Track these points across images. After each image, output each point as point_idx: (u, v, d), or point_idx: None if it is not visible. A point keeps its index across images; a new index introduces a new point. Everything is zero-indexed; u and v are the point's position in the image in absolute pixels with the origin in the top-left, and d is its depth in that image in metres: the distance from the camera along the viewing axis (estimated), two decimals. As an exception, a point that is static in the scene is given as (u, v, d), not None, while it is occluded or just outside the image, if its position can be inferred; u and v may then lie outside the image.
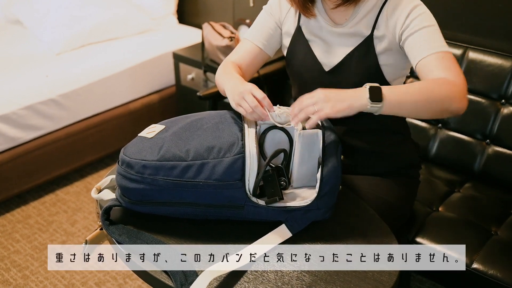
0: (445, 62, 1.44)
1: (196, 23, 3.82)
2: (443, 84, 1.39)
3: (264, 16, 1.76)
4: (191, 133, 1.38)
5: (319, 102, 1.31)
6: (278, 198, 1.32)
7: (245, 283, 1.20)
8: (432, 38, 1.49)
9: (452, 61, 1.45)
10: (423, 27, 1.50)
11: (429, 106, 1.37)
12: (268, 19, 1.75)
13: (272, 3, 1.75)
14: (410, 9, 1.52)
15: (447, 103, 1.38)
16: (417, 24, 1.50)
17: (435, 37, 1.49)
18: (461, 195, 2.11)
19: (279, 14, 1.73)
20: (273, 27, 1.74)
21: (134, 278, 2.45)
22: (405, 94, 1.36)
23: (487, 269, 1.75)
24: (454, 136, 2.27)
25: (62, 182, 3.19)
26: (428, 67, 1.45)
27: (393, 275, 1.23)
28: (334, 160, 1.32)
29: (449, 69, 1.43)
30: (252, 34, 1.75)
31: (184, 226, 1.36)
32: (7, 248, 2.67)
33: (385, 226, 1.39)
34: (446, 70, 1.42)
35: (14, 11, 3.59)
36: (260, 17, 1.77)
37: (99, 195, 1.45)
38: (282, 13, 1.73)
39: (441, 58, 1.45)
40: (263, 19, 1.76)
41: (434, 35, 1.49)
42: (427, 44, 1.47)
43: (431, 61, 1.45)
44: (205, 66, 3.03)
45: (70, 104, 3.04)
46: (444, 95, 1.37)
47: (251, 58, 1.72)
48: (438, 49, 1.46)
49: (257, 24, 1.76)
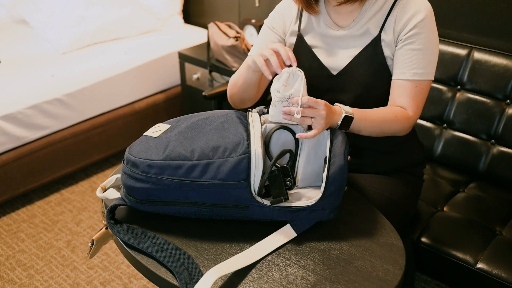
0: (416, 92, 1.58)
1: (201, 23, 3.83)
2: (399, 121, 1.57)
3: (266, 31, 1.75)
4: (197, 133, 1.38)
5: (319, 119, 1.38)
6: (283, 199, 1.32)
7: (249, 282, 1.20)
8: (419, 63, 1.57)
9: (422, 92, 1.59)
10: (417, 49, 1.56)
11: (381, 133, 1.59)
12: (270, 33, 1.74)
13: (273, 17, 1.74)
14: (417, 21, 1.55)
15: (394, 133, 1.60)
16: (415, 43, 1.56)
17: (423, 63, 1.57)
18: (465, 195, 2.11)
19: (283, 27, 1.72)
20: (276, 40, 1.73)
21: (139, 278, 2.46)
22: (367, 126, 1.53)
23: (492, 269, 1.75)
24: (459, 136, 2.26)
25: (68, 181, 3.19)
26: (400, 90, 1.58)
27: (397, 274, 1.23)
28: (341, 160, 1.32)
29: (414, 101, 1.58)
30: (255, 50, 1.72)
31: (189, 226, 1.36)
32: (12, 247, 2.68)
33: (390, 225, 1.39)
34: (411, 102, 1.58)
35: (20, 11, 3.60)
36: (262, 32, 1.76)
37: (104, 194, 1.45)
38: (286, 24, 1.72)
39: (414, 87, 1.57)
40: (264, 35, 1.75)
41: (423, 60, 1.57)
42: (412, 68, 1.57)
43: (405, 86, 1.58)
44: (210, 66, 3.03)
45: (76, 103, 3.04)
46: (396, 129, 1.58)
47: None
48: (417, 77, 1.57)
49: (260, 40, 1.75)
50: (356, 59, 1.62)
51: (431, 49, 1.57)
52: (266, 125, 1.42)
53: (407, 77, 1.56)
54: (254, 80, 1.62)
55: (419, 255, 1.89)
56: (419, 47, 1.55)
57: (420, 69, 1.56)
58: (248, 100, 1.71)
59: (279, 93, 1.37)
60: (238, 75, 1.68)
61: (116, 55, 3.30)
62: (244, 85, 1.65)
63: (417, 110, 1.60)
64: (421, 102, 1.60)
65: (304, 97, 1.36)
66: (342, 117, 1.45)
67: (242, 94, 1.69)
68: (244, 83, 1.64)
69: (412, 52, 1.56)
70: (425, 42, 1.56)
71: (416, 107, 1.59)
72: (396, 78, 1.59)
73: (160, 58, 3.41)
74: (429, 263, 1.88)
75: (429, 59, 1.57)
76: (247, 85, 1.64)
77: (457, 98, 2.26)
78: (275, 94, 1.38)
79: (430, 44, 1.57)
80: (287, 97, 1.36)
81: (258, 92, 1.70)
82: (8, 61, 3.13)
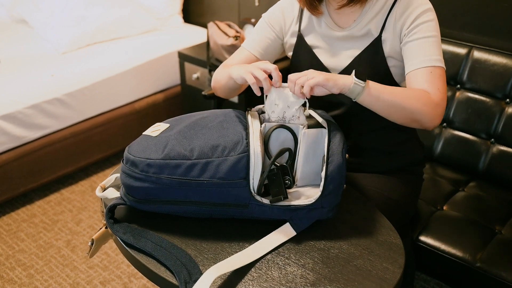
0: (433, 77, 1.50)
1: (201, 22, 3.83)
2: (422, 99, 1.45)
3: (262, 25, 1.75)
4: (196, 132, 1.38)
5: (309, 73, 1.39)
6: (282, 197, 1.32)
7: (249, 281, 1.21)
8: (429, 50, 1.52)
9: (439, 77, 1.51)
10: (423, 37, 1.53)
11: (402, 112, 1.46)
12: (266, 28, 1.74)
13: (274, 12, 1.74)
14: (418, 13, 1.54)
15: (419, 116, 1.46)
16: (420, 32, 1.54)
17: (432, 49, 1.52)
18: (465, 194, 2.11)
19: (281, 25, 1.73)
20: (271, 37, 1.73)
21: (139, 277, 2.46)
22: (386, 92, 1.44)
23: (491, 268, 1.75)
24: (459, 135, 2.26)
25: (67, 181, 3.20)
26: (416, 79, 1.51)
27: (396, 273, 1.23)
28: (339, 158, 1.32)
29: (434, 85, 1.49)
30: (249, 43, 1.74)
31: (188, 225, 1.36)
32: (12, 247, 2.68)
33: (389, 224, 1.39)
34: (430, 86, 1.49)
35: (20, 11, 3.60)
36: (258, 26, 1.76)
37: (103, 193, 1.45)
38: (287, 23, 1.72)
39: (429, 73, 1.50)
40: (261, 28, 1.75)
41: (432, 47, 1.53)
42: (422, 56, 1.52)
43: (420, 74, 1.51)
44: (210, 65, 3.03)
45: (76, 103, 3.05)
46: (419, 108, 1.45)
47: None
48: (430, 63, 1.51)
49: (255, 33, 1.75)
50: (357, 59, 1.62)
51: (437, 37, 1.54)
52: (265, 124, 1.42)
53: (419, 65, 1.51)
54: (237, 86, 1.65)
55: (419, 254, 1.89)
56: (425, 35, 1.53)
57: (431, 55, 1.51)
58: (232, 96, 1.74)
59: (274, 113, 1.45)
60: (220, 76, 1.68)
61: (116, 55, 3.30)
62: (226, 87, 1.67)
63: (440, 94, 1.48)
64: (442, 86, 1.50)
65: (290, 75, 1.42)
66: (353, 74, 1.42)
67: (225, 92, 1.71)
68: (226, 86, 1.66)
69: (419, 41, 1.53)
70: (430, 30, 1.53)
71: (437, 90, 1.48)
72: (409, 70, 1.54)
73: (160, 57, 3.41)
74: (429, 262, 1.88)
75: (437, 46, 1.53)
76: (229, 88, 1.66)
77: (457, 97, 2.26)
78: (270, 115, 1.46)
79: (436, 32, 1.54)
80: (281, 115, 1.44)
81: (240, 91, 1.73)
82: (8, 61, 3.13)
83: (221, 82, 1.67)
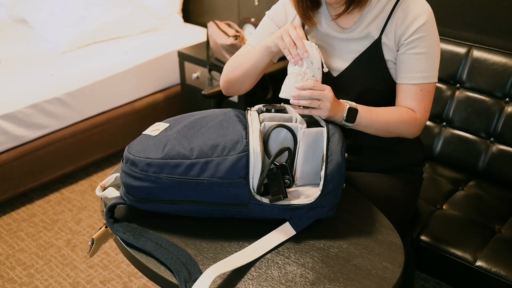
0: (422, 95, 1.59)
1: (201, 22, 3.83)
2: (408, 122, 1.58)
3: (266, 22, 1.75)
4: (195, 131, 1.38)
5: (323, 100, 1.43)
6: (282, 197, 1.32)
7: (249, 281, 1.21)
8: (423, 67, 1.57)
9: (428, 94, 1.60)
10: (420, 53, 1.57)
11: (388, 134, 1.61)
12: (271, 24, 1.74)
13: (277, 9, 1.74)
14: (418, 26, 1.56)
15: (403, 134, 1.63)
16: (418, 47, 1.57)
17: (427, 66, 1.58)
18: (465, 193, 2.11)
19: (284, 22, 1.72)
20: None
21: (139, 276, 2.46)
22: (373, 120, 1.54)
23: (491, 267, 1.76)
24: (458, 135, 2.27)
25: (67, 180, 3.20)
26: (406, 94, 1.60)
27: (396, 272, 1.23)
28: (338, 158, 1.32)
29: (421, 104, 1.59)
30: (254, 39, 1.74)
31: (188, 224, 1.36)
32: (12, 246, 2.68)
33: (388, 223, 1.39)
34: (418, 105, 1.59)
35: (20, 11, 3.60)
36: (262, 23, 1.76)
37: (103, 193, 1.45)
38: (289, 21, 1.72)
39: (419, 91, 1.59)
40: (265, 25, 1.75)
41: (426, 64, 1.58)
42: (417, 72, 1.57)
43: (410, 90, 1.59)
44: (210, 65, 3.03)
45: (75, 102, 3.05)
46: (404, 130, 1.61)
47: None
48: (422, 81, 1.58)
49: (260, 30, 1.76)
50: (357, 61, 1.62)
51: (434, 52, 1.58)
52: (265, 124, 1.42)
53: (411, 81, 1.58)
54: (265, 64, 1.64)
55: (419, 254, 1.89)
56: (421, 51, 1.56)
57: (424, 72, 1.57)
58: (246, 87, 1.74)
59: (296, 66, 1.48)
60: (242, 60, 1.68)
61: (116, 55, 3.30)
62: (251, 69, 1.65)
63: (425, 113, 1.61)
64: (428, 104, 1.61)
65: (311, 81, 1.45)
66: (347, 108, 1.48)
67: (243, 80, 1.69)
68: (252, 67, 1.65)
69: (415, 56, 1.56)
70: (428, 46, 1.56)
71: (423, 109, 1.60)
72: (401, 82, 1.60)
73: (160, 57, 3.41)
74: (429, 261, 1.89)
75: (432, 62, 1.58)
76: (256, 68, 1.65)
77: (457, 96, 2.26)
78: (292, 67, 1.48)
79: (433, 47, 1.57)
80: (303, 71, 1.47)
81: (258, 78, 1.72)
82: (8, 61, 3.13)
83: (245, 65, 1.66)
